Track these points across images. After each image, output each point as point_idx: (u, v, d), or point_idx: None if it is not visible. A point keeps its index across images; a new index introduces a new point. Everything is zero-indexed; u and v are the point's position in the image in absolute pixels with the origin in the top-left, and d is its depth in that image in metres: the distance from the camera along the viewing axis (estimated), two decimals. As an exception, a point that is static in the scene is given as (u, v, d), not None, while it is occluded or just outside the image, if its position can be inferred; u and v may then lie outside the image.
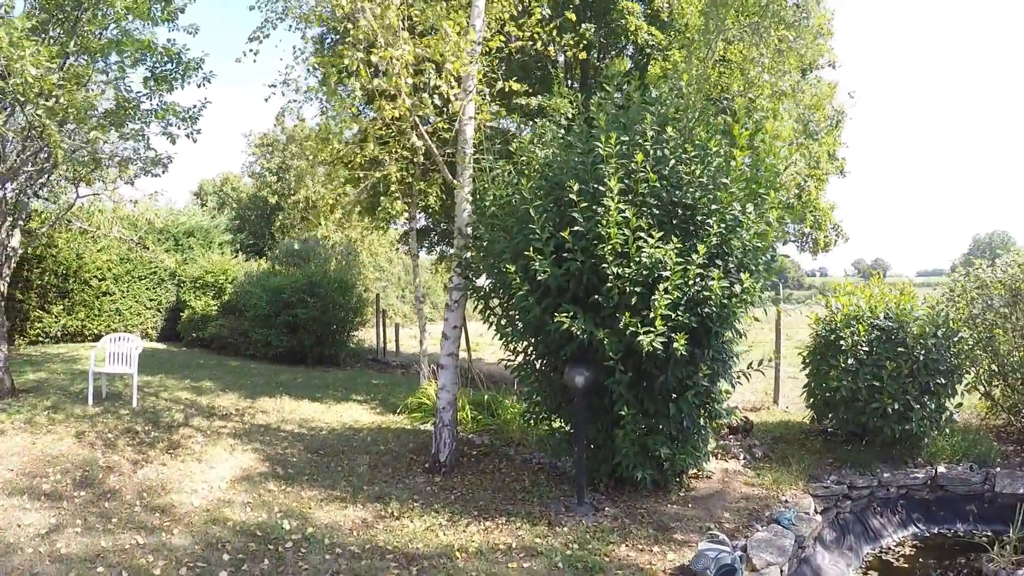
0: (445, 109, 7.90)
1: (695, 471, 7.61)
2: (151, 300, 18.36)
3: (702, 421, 7.03)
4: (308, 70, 10.04)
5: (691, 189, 6.39)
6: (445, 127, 8.66)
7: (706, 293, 5.97)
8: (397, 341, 19.33)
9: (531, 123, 10.29)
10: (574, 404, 6.55)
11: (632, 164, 6.13)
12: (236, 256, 20.13)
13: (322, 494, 7.07)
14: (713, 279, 5.95)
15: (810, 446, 9.00)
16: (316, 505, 6.78)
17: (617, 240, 5.80)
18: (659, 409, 6.45)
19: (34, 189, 13.93)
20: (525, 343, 7.06)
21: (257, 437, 8.91)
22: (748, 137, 6.74)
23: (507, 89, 7.70)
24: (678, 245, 5.82)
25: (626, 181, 6.08)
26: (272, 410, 10.49)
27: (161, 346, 17.79)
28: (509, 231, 6.65)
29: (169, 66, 11.12)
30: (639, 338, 5.65)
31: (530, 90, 8.22)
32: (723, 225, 6.18)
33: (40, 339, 16.32)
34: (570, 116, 8.29)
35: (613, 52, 13.18)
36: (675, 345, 5.68)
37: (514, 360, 7.49)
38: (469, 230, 8.02)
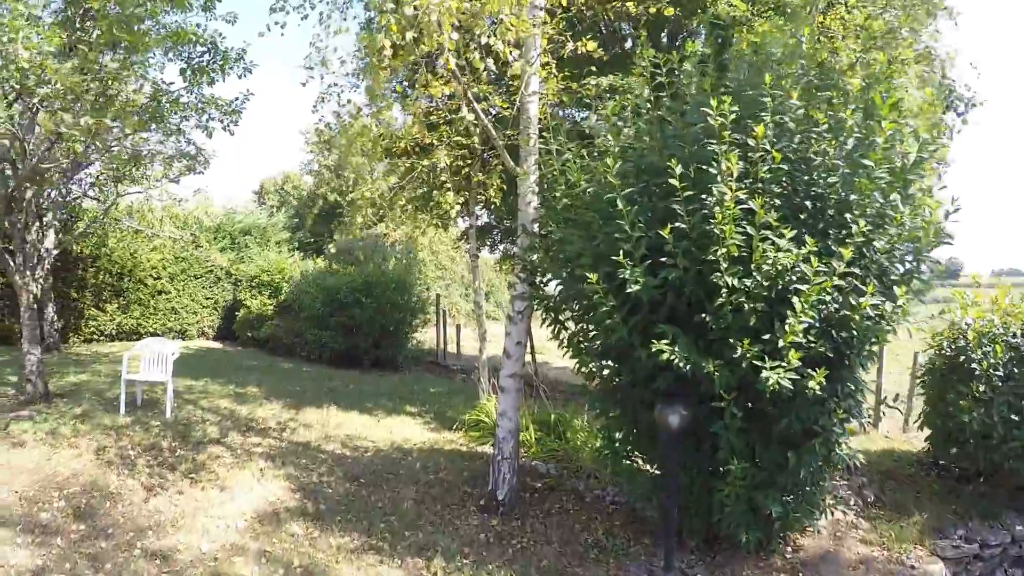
0: (503, 85, 6.52)
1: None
2: (207, 299, 17.50)
3: (822, 471, 5.42)
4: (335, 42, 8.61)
5: (822, 173, 4.78)
6: (504, 105, 7.25)
7: (846, 312, 4.39)
8: (458, 342, 18.00)
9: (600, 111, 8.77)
10: (664, 446, 5.05)
11: (748, 140, 4.54)
12: (292, 255, 19.13)
13: (355, 541, 5.76)
14: (855, 292, 4.39)
15: (926, 486, 7.45)
16: (345, 558, 5.47)
17: (734, 241, 4.23)
18: (775, 459, 4.90)
19: (83, 189, 13.24)
20: (605, 369, 5.52)
21: (292, 459, 7.65)
22: (892, 106, 5.03)
23: (580, 51, 6.14)
24: (813, 248, 4.22)
25: (740, 162, 4.50)
26: (316, 423, 9.25)
27: (216, 345, 16.91)
28: (587, 228, 5.11)
29: (207, 56, 10.10)
30: (763, 374, 4.10)
31: (602, 55, 6.60)
32: (867, 222, 4.55)
33: (95, 337, 15.60)
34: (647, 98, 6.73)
35: (685, 33, 11.55)
36: (810, 384, 4.12)
37: (588, 382, 5.99)
38: (536, 227, 6.59)
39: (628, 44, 11.42)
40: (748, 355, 4.18)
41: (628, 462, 5.94)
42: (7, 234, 9.72)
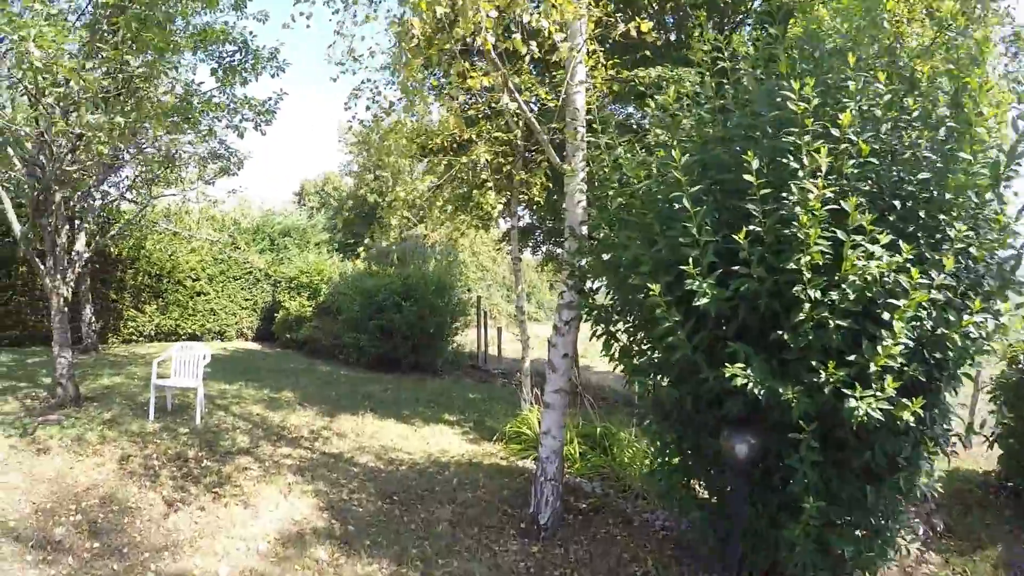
0: (547, 77, 5.95)
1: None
2: (246, 300, 17.30)
3: (900, 505, 4.72)
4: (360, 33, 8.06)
5: (912, 168, 4.11)
6: (548, 97, 6.69)
7: (943, 331, 3.72)
8: (499, 345, 17.52)
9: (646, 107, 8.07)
10: (729, 478, 4.43)
11: (832, 130, 3.86)
12: (331, 256, 18.84)
13: (383, 570, 5.26)
14: (952, 308, 3.74)
15: (997, 512, 6.76)
16: (372, 590, 4.95)
17: (819, 247, 3.57)
18: (852, 495, 4.24)
19: (121, 192, 13.04)
20: (663, 389, 4.86)
21: (323, 472, 7.20)
22: (985, 92, 4.31)
23: (631, 33, 5.50)
24: (910, 255, 3.55)
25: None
26: (350, 432, 8.80)
27: (255, 347, 16.67)
28: (647, 231, 4.46)
29: (238, 56, 9.77)
30: (850, 403, 3.46)
31: (656, 39, 5.94)
32: (965, 224, 3.87)
33: (133, 338, 15.47)
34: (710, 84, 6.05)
35: (734, 23, 10.84)
36: (905, 414, 3.48)
37: (640, 400, 5.38)
38: (584, 229, 6.02)
39: (673, 36, 10.79)
40: (832, 380, 3.55)
41: (684, 490, 5.29)
42: (39, 237, 9.48)
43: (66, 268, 9.30)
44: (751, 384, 3.62)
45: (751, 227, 3.77)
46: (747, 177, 3.77)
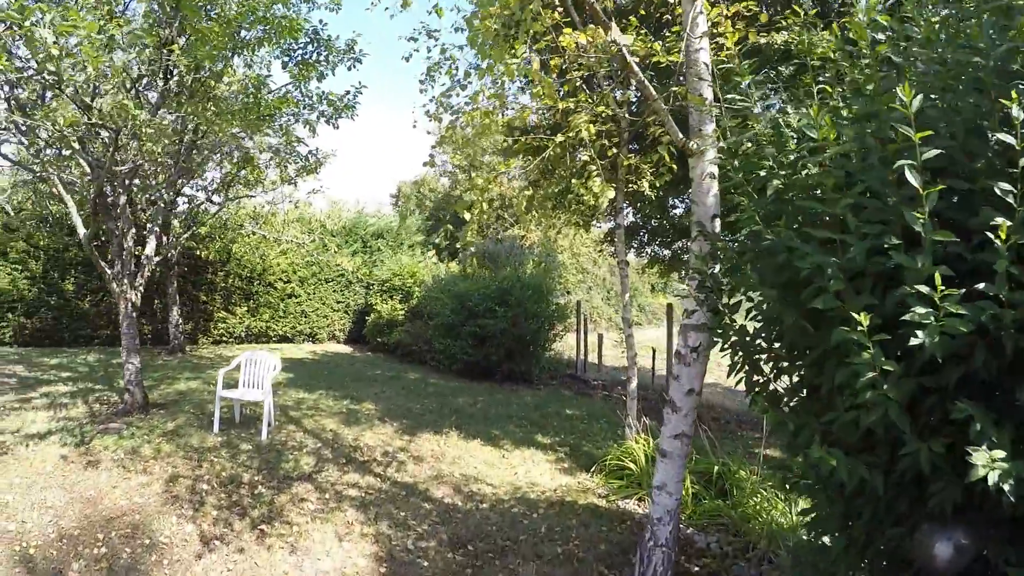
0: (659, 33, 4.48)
1: None
2: (338, 302, 16.50)
3: None
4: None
5: None
6: (660, 56, 5.21)
7: None
8: (600, 353, 15.90)
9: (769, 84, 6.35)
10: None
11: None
12: (424, 258, 17.83)
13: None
14: None
15: None
16: None
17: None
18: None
19: (207, 195, 12.46)
20: (838, 458, 3.07)
21: (390, 510, 5.91)
22: None
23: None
24: None
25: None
26: (429, 455, 7.52)
27: (346, 350, 15.79)
28: (832, 226, 2.75)
29: (311, 48, 8.81)
30: None
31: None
32: None
33: (224, 339, 14.89)
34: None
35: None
36: None
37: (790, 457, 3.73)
38: (717, 224, 4.49)
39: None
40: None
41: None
42: (97, 238, 8.84)
43: (134, 272, 8.57)
44: (997, 475, 2.00)
45: (997, 219, 2.13)
46: (1003, 137, 2.17)
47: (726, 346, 3.70)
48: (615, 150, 7.32)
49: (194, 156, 9.27)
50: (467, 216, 5.31)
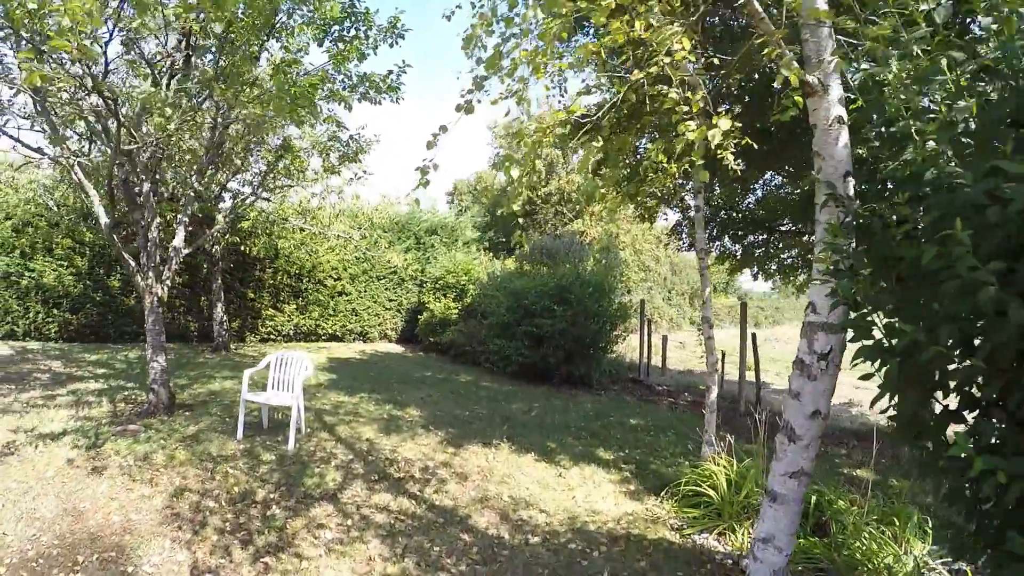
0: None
1: None
2: (390, 300, 15.54)
3: None
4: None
5: None
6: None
7: None
8: (664, 355, 14.49)
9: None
10: None
11: None
12: (479, 255, 16.70)
13: None
14: None
15: None
16: None
17: None
18: None
19: (254, 189, 11.66)
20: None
21: (421, 542, 4.75)
22: None
23: None
24: None
25: None
26: (475, 472, 6.36)
27: (398, 349, 14.80)
28: None
29: (347, 23, 7.82)
30: None
31: None
32: None
33: (271, 337, 14.05)
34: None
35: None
36: None
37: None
38: (851, 186, 3.24)
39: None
40: None
41: None
42: (115, 225, 8.03)
43: (160, 265, 7.70)
44: None
45: None
46: None
47: (869, 356, 2.44)
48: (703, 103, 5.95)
49: (228, 144, 8.34)
50: (513, 175, 4.11)
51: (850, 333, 2.62)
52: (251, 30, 6.64)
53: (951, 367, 2.22)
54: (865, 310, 2.58)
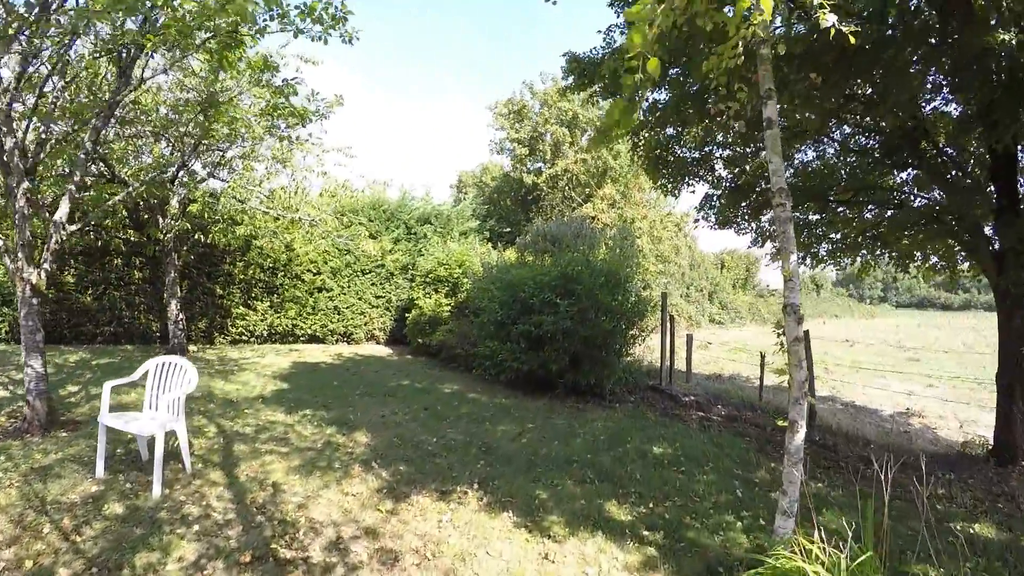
0: None
1: None
2: (377, 297, 13.07)
3: None
4: None
5: None
6: None
7: None
8: (689, 358, 11.60)
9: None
10: None
11: None
12: (474, 244, 14.15)
13: None
14: None
15: None
16: None
17: None
18: None
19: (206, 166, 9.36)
20: None
21: None
22: None
23: None
24: None
25: None
26: (412, 550, 3.86)
27: (384, 352, 12.29)
28: None
29: None
30: None
31: None
32: None
33: (244, 339, 11.66)
34: None
35: None
36: None
37: None
38: None
39: None
40: None
41: None
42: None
43: (31, 244, 5.40)
44: None
45: None
46: None
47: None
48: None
49: (126, 90, 5.92)
50: (636, 41, 1.68)
51: None
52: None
53: None
54: None
